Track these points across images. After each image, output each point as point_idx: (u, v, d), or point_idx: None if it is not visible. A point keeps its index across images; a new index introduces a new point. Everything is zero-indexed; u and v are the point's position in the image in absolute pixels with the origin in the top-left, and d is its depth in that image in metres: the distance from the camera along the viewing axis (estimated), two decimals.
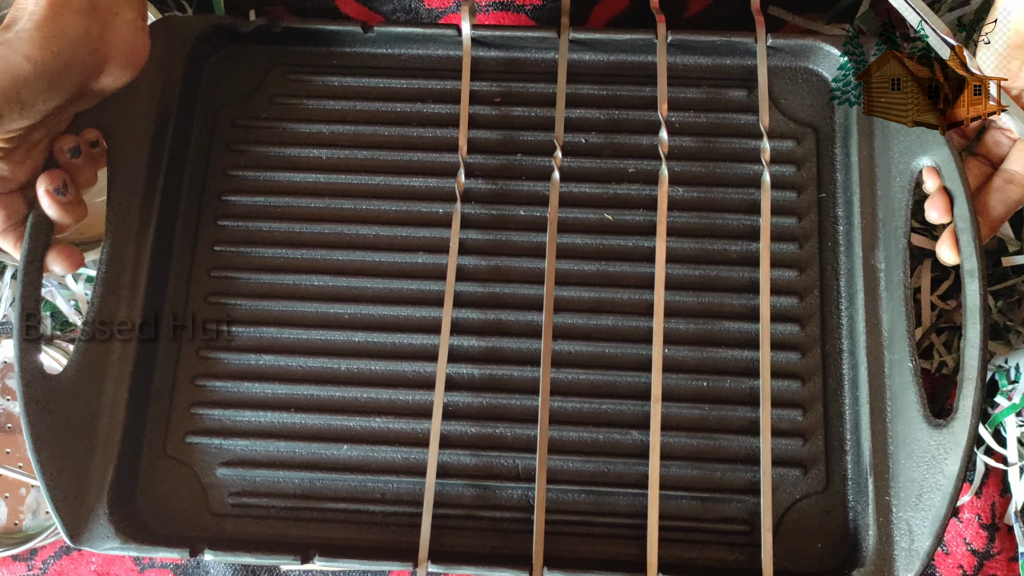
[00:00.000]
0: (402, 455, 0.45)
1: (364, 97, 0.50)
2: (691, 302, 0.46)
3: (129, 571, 0.61)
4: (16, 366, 0.42)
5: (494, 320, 0.47)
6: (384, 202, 0.49)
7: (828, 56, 0.48)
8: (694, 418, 0.45)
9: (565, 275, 0.47)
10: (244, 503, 0.45)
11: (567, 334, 0.46)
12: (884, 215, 0.45)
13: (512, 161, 0.49)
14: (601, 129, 0.49)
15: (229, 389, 0.47)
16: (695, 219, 0.48)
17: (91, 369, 0.44)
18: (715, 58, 0.50)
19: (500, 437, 0.45)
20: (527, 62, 0.50)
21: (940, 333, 0.56)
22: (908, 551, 0.40)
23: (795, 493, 0.44)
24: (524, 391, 0.46)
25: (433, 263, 0.47)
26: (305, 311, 0.47)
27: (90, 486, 0.44)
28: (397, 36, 0.50)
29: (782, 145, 0.48)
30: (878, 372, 0.43)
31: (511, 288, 0.47)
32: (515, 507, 0.44)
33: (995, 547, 0.55)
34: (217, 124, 0.50)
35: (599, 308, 0.47)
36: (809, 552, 0.43)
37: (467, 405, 0.46)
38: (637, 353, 0.46)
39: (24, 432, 0.42)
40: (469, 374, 0.46)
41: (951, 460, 0.39)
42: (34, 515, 0.60)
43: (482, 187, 0.48)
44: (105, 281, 0.45)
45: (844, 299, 0.46)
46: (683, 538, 0.44)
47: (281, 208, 0.49)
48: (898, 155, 0.45)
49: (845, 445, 0.44)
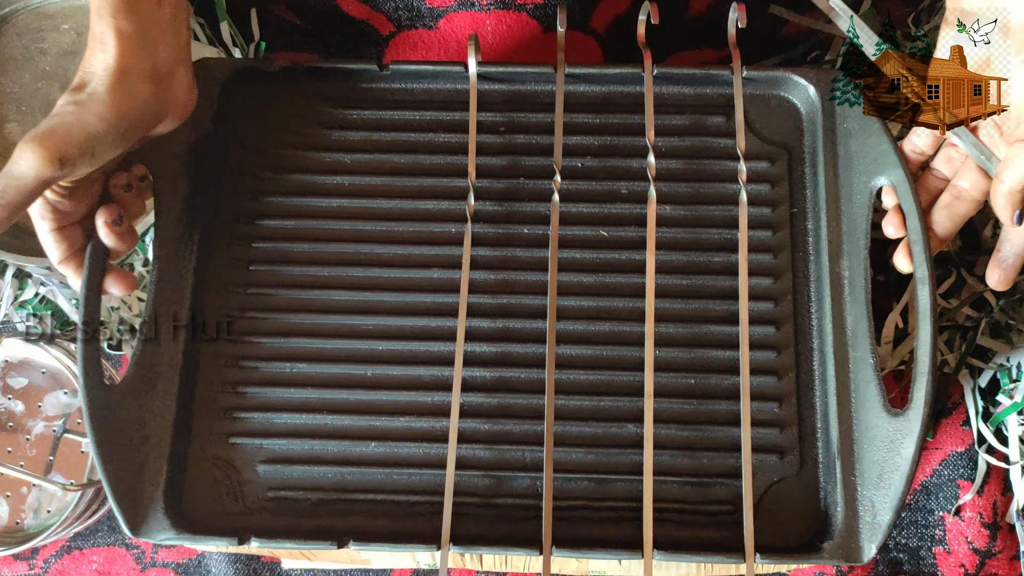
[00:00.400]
0: (423, 450, 0.51)
1: (380, 128, 0.56)
2: (679, 308, 0.52)
3: (131, 570, 0.63)
4: (80, 380, 0.47)
5: (503, 328, 0.52)
6: (401, 223, 0.54)
7: (798, 85, 0.54)
8: (683, 412, 0.50)
9: (566, 286, 0.52)
10: (282, 496, 0.50)
11: (569, 339, 0.52)
12: (848, 228, 0.51)
13: (516, 184, 0.54)
14: (595, 154, 0.55)
15: (266, 394, 0.52)
16: (681, 234, 0.53)
17: (142, 380, 0.50)
18: (696, 87, 0.55)
19: (510, 433, 0.51)
20: (528, 94, 0.56)
21: (942, 332, 0.59)
22: (872, 524, 0.46)
23: (773, 476, 0.49)
24: (531, 391, 0.51)
25: (447, 278, 0.53)
26: (331, 323, 0.53)
27: (145, 484, 0.49)
28: (410, 73, 0.55)
29: (757, 166, 0.54)
30: (844, 368, 0.49)
31: (517, 299, 0.52)
32: (525, 495, 0.50)
33: (997, 546, 0.57)
34: (247, 154, 0.55)
35: (597, 315, 0.52)
36: (786, 528, 0.48)
37: (480, 404, 0.51)
38: (631, 355, 0.51)
39: (88, 438, 0.47)
40: (481, 376, 0.51)
41: (907, 444, 0.45)
42: (35, 514, 0.62)
43: (490, 208, 0.54)
44: (155, 301, 0.50)
45: (814, 303, 0.51)
46: (675, 519, 0.49)
47: (308, 230, 0.54)
48: (859, 175, 0.50)
49: (816, 433, 0.50)
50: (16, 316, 0.66)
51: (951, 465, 0.59)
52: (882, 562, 0.60)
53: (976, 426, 0.59)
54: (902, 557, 0.60)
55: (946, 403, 0.60)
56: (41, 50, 0.65)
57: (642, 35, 0.54)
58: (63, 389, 0.64)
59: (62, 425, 0.63)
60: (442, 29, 0.61)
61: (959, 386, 0.60)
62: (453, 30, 0.60)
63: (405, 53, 0.64)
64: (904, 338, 0.60)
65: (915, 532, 0.59)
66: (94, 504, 0.63)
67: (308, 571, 0.64)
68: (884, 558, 0.60)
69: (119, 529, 0.63)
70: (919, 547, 0.59)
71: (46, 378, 0.64)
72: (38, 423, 0.63)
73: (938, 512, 0.59)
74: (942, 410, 0.60)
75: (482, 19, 0.58)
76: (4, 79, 0.65)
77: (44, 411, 0.64)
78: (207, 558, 0.64)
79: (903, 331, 0.60)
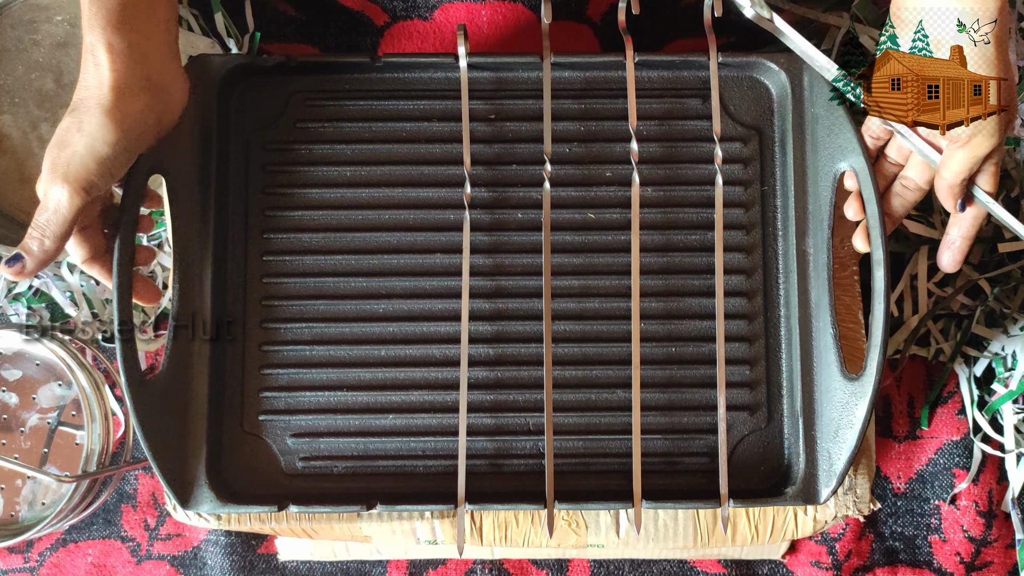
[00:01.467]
0: (436, 420, 0.57)
1: (377, 119, 0.58)
2: (660, 284, 0.57)
3: (126, 563, 0.64)
4: (122, 376, 0.52)
5: (503, 307, 0.57)
6: (403, 211, 0.58)
7: (769, 69, 0.57)
8: (665, 377, 0.57)
9: (558, 267, 0.57)
10: (312, 466, 0.57)
11: (562, 315, 0.57)
12: (813, 209, 0.56)
13: (508, 171, 0.58)
14: (581, 140, 0.58)
15: (290, 375, 0.57)
16: (661, 214, 0.58)
17: (178, 370, 0.54)
18: (674, 72, 0.58)
19: (513, 401, 0.57)
20: (515, 81, 0.58)
21: (937, 320, 0.59)
22: (828, 472, 0.54)
23: (744, 430, 0.57)
24: (530, 363, 0.57)
25: (449, 262, 0.57)
26: (345, 308, 0.57)
27: (188, 462, 0.54)
28: (402, 64, 0.58)
29: (731, 147, 0.58)
30: (807, 336, 0.55)
31: (515, 280, 0.57)
32: (528, 455, 0.57)
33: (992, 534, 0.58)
34: (250, 149, 0.58)
35: (586, 292, 0.57)
36: (755, 475, 0.56)
37: (485, 377, 0.57)
38: (619, 328, 0.57)
39: (135, 428, 0.52)
40: (485, 352, 0.57)
41: (860, 405, 0.52)
42: (30, 506, 0.62)
43: (484, 195, 0.58)
44: (180, 297, 0.54)
45: (782, 276, 0.57)
46: (659, 470, 0.56)
47: (316, 220, 0.58)
48: (824, 159, 0.55)
49: (782, 392, 0.57)
50: (10, 309, 0.68)
51: (947, 454, 0.59)
52: (878, 550, 0.61)
53: (971, 415, 0.59)
54: (898, 546, 0.61)
55: (941, 392, 0.60)
56: (34, 41, 0.65)
57: (623, 21, 0.57)
58: (57, 381, 0.65)
59: (56, 417, 0.64)
60: (437, 20, 0.62)
61: (954, 375, 0.60)
62: (448, 20, 0.62)
63: (400, 44, 0.65)
64: (900, 326, 0.60)
65: (911, 521, 0.59)
66: (89, 496, 0.64)
67: (304, 562, 0.68)
68: (880, 546, 0.60)
69: (114, 522, 0.65)
70: (915, 536, 0.60)
71: (40, 370, 0.65)
72: (32, 415, 0.64)
73: (934, 501, 0.59)
74: (937, 399, 0.60)
75: (477, 9, 0.59)
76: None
77: (38, 403, 0.64)
78: (203, 550, 0.66)
79: (898, 319, 0.61)
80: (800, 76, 0.56)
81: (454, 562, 0.66)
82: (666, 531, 0.58)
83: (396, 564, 0.68)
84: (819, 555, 0.64)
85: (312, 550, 0.68)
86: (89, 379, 0.65)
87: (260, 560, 0.67)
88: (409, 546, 0.62)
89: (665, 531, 0.58)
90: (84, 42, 0.46)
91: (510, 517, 0.59)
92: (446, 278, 0.57)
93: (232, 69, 0.57)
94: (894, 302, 0.62)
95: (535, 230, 0.57)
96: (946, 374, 0.61)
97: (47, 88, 0.65)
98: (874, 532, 0.63)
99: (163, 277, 0.69)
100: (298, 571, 0.68)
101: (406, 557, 0.68)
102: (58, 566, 0.65)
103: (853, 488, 0.57)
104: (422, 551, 0.64)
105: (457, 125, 0.57)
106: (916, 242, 0.63)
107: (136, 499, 0.67)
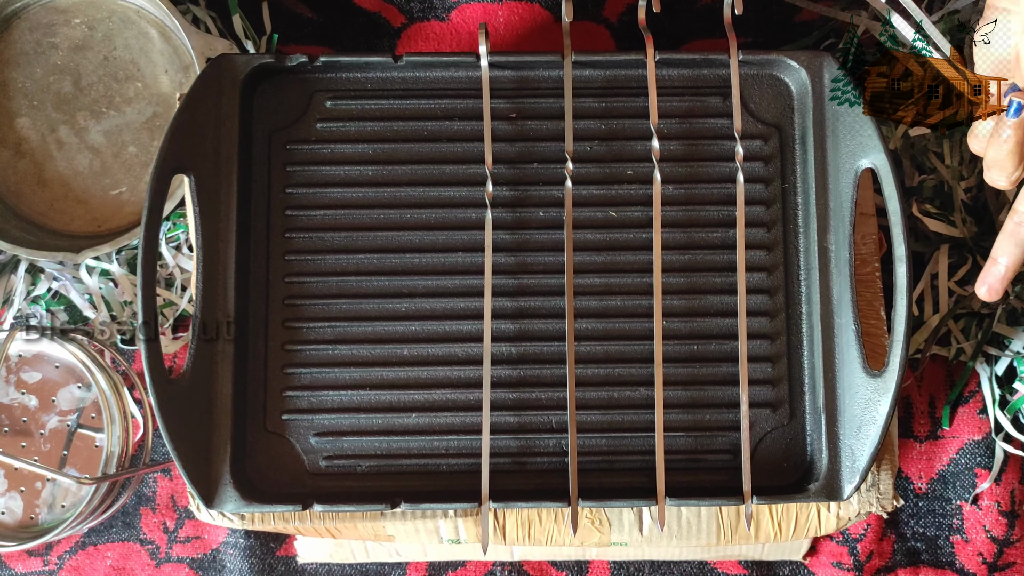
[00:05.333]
0: (459, 418, 0.57)
1: (398, 118, 0.58)
2: (682, 282, 0.57)
3: (146, 566, 0.64)
4: (147, 376, 0.52)
5: (525, 305, 0.57)
6: (424, 210, 0.58)
7: (790, 67, 0.57)
8: (687, 375, 0.57)
9: (579, 265, 0.57)
10: (336, 464, 0.57)
11: (584, 313, 0.57)
12: (834, 205, 0.56)
13: (530, 170, 0.58)
14: (602, 138, 0.58)
15: (313, 375, 0.57)
16: (683, 212, 0.58)
17: (201, 370, 0.54)
18: (695, 70, 0.59)
19: (536, 400, 0.57)
20: (536, 80, 0.59)
21: (958, 320, 0.58)
22: (851, 468, 0.54)
23: (766, 427, 0.57)
24: (553, 361, 0.57)
25: (471, 260, 0.57)
26: (369, 307, 0.57)
27: (213, 462, 0.54)
28: (423, 63, 0.58)
29: (752, 144, 0.58)
30: (829, 332, 0.56)
31: (537, 278, 0.57)
32: (551, 453, 0.57)
33: (1015, 534, 0.57)
34: (272, 148, 0.58)
35: (608, 291, 0.58)
36: (778, 472, 0.56)
37: (508, 376, 0.57)
38: (641, 326, 0.57)
39: (160, 426, 0.52)
40: (508, 351, 0.57)
41: (883, 401, 0.52)
42: (50, 509, 0.62)
43: (506, 193, 0.58)
44: (203, 297, 0.54)
45: (803, 273, 0.57)
46: (682, 467, 0.56)
47: (338, 220, 0.58)
48: (845, 156, 0.55)
49: (804, 388, 0.57)
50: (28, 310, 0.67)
51: (968, 454, 0.58)
52: (900, 551, 0.60)
53: (993, 414, 0.59)
54: (920, 546, 0.60)
55: (962, 391, 0.60)
56: (52, 44, 0.66)
57: (643, 19, 0.57)
58: (77, 383, 0.65)
59: (76, 419, 0.64)
60: (454, 20, 0.62)
61: (975, 374, 0.60)
62: (465, 21, 0.62)
63: (417, 45, 0.65)
64: (920, 326, 0.60)
65: (933, 521, 0.59)
66: (108, 499, 0.64)
67: (323, 564, 0.67)
68: (902, 547, 0.60)
69: (133, 524, 0.65)
70: (937, 536, 0.59)
71: (60, 372, 0.65)
72: (52, 418, 0.64)
73: (955, 501, 0.59)
74: (959, 399, 0.60)
75: (494, 10, 0.60)
76: (16, 73, 0.66)
77: (58, 405, 0.64)
78: (222, 553, 0.65)
79: (919, 319, 0.60)
80: (820, 74, 0.57)
81: (473, 564, 0.66)
82: (689, 528, 0.58)
83: (415, 566, 0.68)
84: (840, 556, 0.63)
85: (331, 552, 0.68)
86: (108, 381, 0.65)
87: (279, 563, 0.67)
88: (430, 546, 0.62)
89: (688, 528, 0.58)
90: None
91: (533, 516, 0.59)
92: (468, 277, 0.57)
93: (255, 68, 0.57)
94: (914, 301, 0.62)
95: (557, 228, 0.57)
96: (967, 373, 0.61)
97: (65, 91, 0.65)
98: (895, 532, 0.63)
99: (182, 279, 0.69)
100: (317, 573, 0.68)
101: (426, 558, 0.68)
102: (77, 569, 0.65)
103: (876, 484, 0.57)
104: (443, 551, 0.64)
105: (478, 124, 0.58)
106: (936, 241, 0.63)
107: (155, 502, 0.67)
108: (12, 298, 0.67)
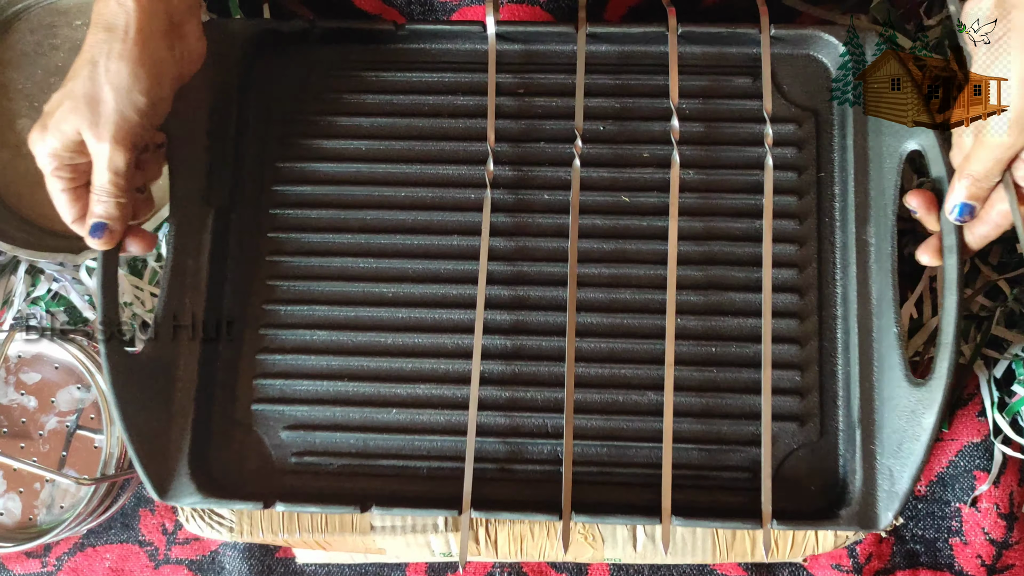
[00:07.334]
0: (444, 417, 0.51)
1: (399, 91, 0.55)
2: (700, 276, 0.51)
3: (144, 567, 0.63)
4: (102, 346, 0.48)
5: (523, 295, 0.52)
6: (420, 189, 0.53)
7: (828, 44, 0.52)
8: (703, 379, 0.50)
9: (586, 253, 0.52)
10: (306, 462, 0.51)
11: (588, 307, 0.51)
12: (875, 194, 0.50)
13: (536, 148, 0.53)
14: (616, 117, 0.53)
15: (288, 362, 0.52)
16: (704, 200, 0.52)
17: (166, 345, 0.50)
18: (721, 47, 0.54)
19: (530, 400, 0.51)
20: (546, 54, 0.54)
21: None
22: (889, 492, 0.46)
23: (792, 443, 0.49)
24: (551, 358, 0.51)
25: (467, 244, 0.52)
26: (353, 290, 0.53)
27: (171, 450, 0.50)
28: (427, 33, 0.54)
29: (784, 128, 0.52)
30: (867, 336, 0.49)
31: (537, 266, 0.52)
32: (545, 460, 0.50)
33: (1014, 536, 0.57)
34: (270, 119, 0.55)
35: (617, 283, 0.52)
36: (804, 495, 0.49)
37: (500, 372, 0.51)
38: (651, 323, 0.51)
39: (111, 403, 0.48)
40: (502, 344, 0.51)
41: (928, 414, 0.45)
42: (48, 510, 0.61)
43: (509, 173, 0.53)
44: (173, 269, 0.50)
45: (839, 271, 0.51)
46: (693, 484, 0.49)
47: (328, 196, 0.54)
48: (888, 139, 0.49)
49: (837, 400, 0.50)
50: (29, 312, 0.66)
51: (967, 456, 0.59)
52: (899, 553, 0.60)
53: (992, 417, 0.59)
54: (919, 548, 0.60)
55: (962, 394, 0.59)
56: (53, 46, 0.66)
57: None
58: (76, 384, 0.63)
59: (75, 420, 0.63)
60: None
61: (974, 377, 0.60)
62: None
63: None
64: (919, 328, 0.59)
65: (931, 523, 0.60)
66: (107, 500, 0.63)
67: (323, 565, 0.64)
68: (901, 549, 0.60)
69: (132, 526, 0.64)
70: (936, 538, 0.60)
71: (59, 373, 0.64)
72: (51, 419, 0.63)
73: (954, 503, 0.59)
74: (958, 401, 0.60)
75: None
76: (17, 75, 0.66)
77: (57, 406, 0.63)
78: (221, 554, 0.64)
79: (918, 321, 0.60)
80: (862, 51, 0.51)
81: (473, 565, 0.62)
82: (684, 546, 0.52)
83: (415, 567, 0.63)
84: (839, 558, 0.60)
85: (330, 554, 0.63)
86: None
87: (278, 564, 0.64)
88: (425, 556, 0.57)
89: (684, 546, 0.52)
90: None
91: (525, 530, 0.52)
92: (462, 262, 0.52)
93: (252, 35, 0.54)
94: (912, 304, 0.59)
95: (562, 212, 0.52)
96: (966, 376, 0.59)
97: None
98: (895, 535, 0.61)
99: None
100: (316, 574, 0.64)
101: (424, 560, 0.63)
102: (76, 570, 0.64)
103: None
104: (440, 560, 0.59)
105: (483, 99, 0.53)
106: None
107: (154, 503, 0.65)
108: (12, 299, 0.66)
